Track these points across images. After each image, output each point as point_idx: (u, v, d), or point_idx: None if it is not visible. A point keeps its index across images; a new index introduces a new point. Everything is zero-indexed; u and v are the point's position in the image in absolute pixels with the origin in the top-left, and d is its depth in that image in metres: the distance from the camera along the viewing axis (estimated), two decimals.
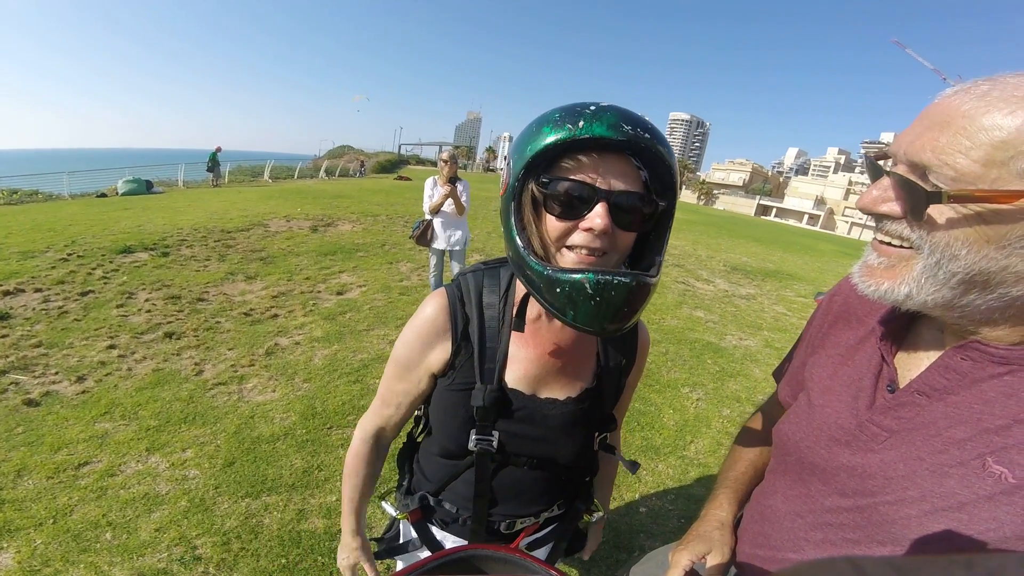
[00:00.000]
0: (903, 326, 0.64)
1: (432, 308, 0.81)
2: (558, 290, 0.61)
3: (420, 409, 0.95)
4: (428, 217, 4.23)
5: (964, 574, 0.27)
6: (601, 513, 1.05)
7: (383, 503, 1.01)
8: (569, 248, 0.65)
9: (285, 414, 2.93)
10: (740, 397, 3.79)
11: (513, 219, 0.66)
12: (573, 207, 0.63)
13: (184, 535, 2.02)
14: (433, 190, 4.16)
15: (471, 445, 0.80)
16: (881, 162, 0.55)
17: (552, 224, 0.65)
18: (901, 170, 0.51)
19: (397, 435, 0.96)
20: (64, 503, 2.16)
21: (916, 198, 0.49)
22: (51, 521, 2.05)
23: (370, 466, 0.94)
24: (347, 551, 0.96)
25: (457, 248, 4.37)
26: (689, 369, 4.19)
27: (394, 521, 1.03)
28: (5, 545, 1.93)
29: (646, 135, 0.60)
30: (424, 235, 4.27)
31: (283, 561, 1.95)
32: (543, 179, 0.63)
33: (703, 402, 3.63)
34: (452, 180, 4.06)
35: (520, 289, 0.81)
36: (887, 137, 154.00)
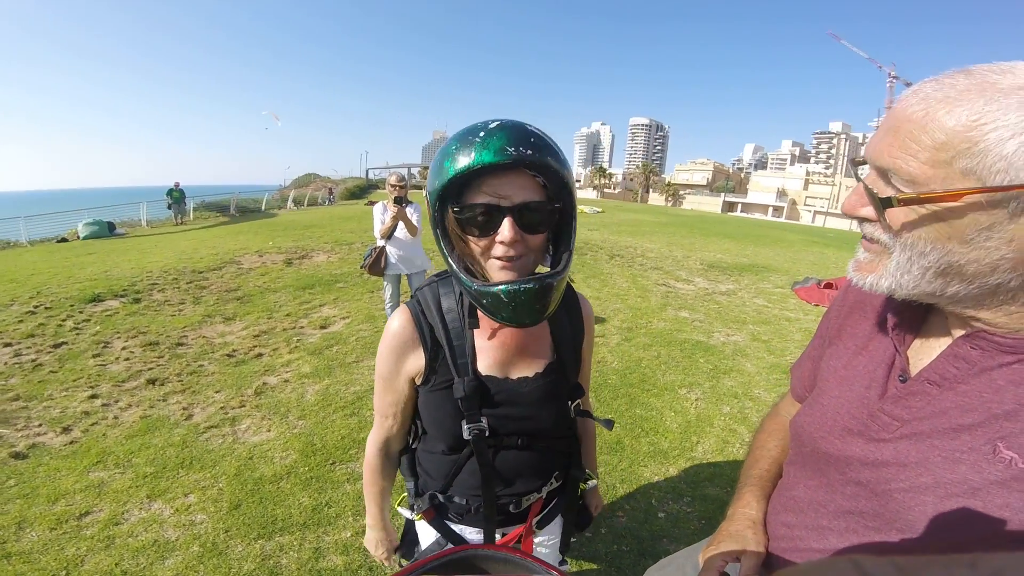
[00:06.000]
0: (916, 316, 0.64)
1: (399, 321, 0.91)
2: (484, 300, 0.75)
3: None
4: (381, 243, 4.02)
5: (967, 573, 0.27)
6: (595, 481, 1.16)
7: (398, 508, 1.09)
8: (493, 258, 0.76)
9: (284, 453, 2.84)
10: (737, 393, 3.83)
11: (443, 244, 0.78)
12: (486, 226, 0.74)
13: None
14: (384, 215, 3.96)
15: (465, 434, 0.89)
16: (861, 168, 0.58)
17: (474, 243, 0.76)
18: (871, 175, 0.54)
19: (402, 444, 1.05)
20: (73, 554, 2.07)
21: (875, 203, 0.52)
22: (64, 573, 1.97)
23: (383, 474, 1.06)
24: (377, 542, 1.12)
25: (416, 272, 4.16)
26: (683, 370, 4.23)
27: (410, 524, 1.11)
28: None
29: (529, 152, 0.69)
30: (377, 263, 4.04)
31: None
32: (455, 208, 0.74)
33: (702, 402, 3.67)
34: (399, 200, 3.78)
35: None
36: (835, 127, 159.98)
